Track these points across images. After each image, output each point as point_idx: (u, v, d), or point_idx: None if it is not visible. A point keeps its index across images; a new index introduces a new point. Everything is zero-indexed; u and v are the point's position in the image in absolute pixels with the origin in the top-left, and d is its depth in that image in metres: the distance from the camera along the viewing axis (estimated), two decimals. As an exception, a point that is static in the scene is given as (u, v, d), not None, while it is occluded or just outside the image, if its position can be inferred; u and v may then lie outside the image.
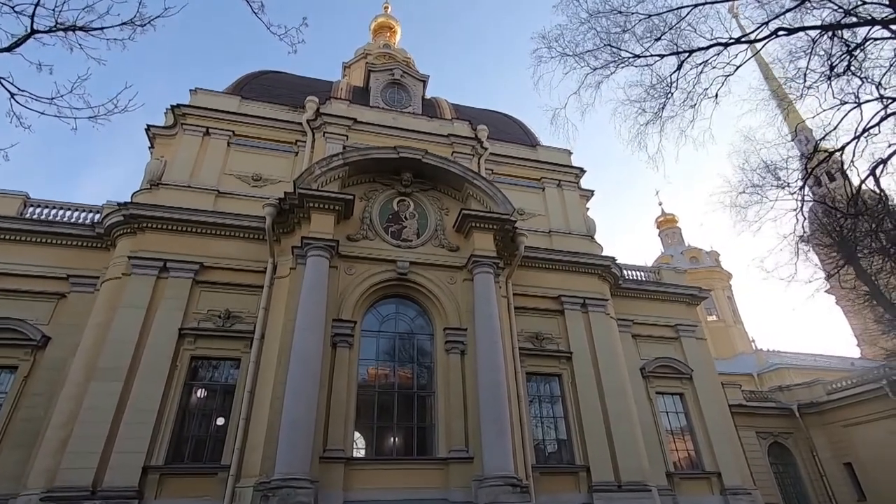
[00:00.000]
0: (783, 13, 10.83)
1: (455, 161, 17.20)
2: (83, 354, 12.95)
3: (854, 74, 10.67)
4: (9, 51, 7.05)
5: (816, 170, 13.05)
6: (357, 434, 14.12)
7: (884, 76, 10.61)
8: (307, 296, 13.16)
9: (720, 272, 49.87)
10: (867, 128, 10.73)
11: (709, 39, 11.29)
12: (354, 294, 14.24)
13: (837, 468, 24.70)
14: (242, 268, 14.75)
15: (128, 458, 11.54)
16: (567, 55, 12.36)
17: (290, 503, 10.33)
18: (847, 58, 10.48)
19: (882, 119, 10.59)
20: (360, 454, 14.23)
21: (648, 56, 11.68)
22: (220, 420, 13.09)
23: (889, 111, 10.48)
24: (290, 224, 14.92)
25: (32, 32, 7.11)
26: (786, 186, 13.88)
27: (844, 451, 24.72)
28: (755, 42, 10.90)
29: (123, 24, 7.40)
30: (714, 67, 11.52)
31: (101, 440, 11.59)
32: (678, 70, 11.53)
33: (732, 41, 11.02)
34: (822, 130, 11.57)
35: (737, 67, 11.41)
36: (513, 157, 20.69)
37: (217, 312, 14.00)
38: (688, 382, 18.89)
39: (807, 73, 10.97)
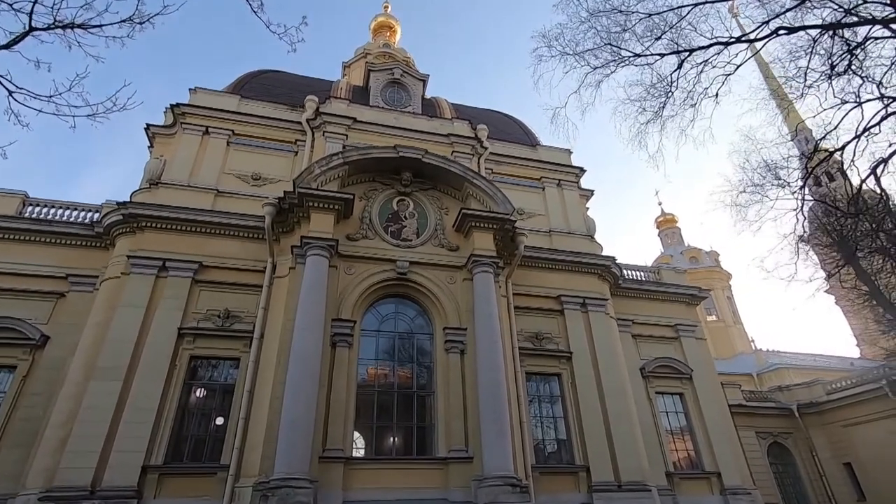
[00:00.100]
0: (783, 12, 10.82)
1: (455, 160, 17.19)
2: (82, 354, 12.94)
3: (855, 73, 10.66)
4: (7, 48, 7.03)
5: (817, 170, 13.03)
6: (356, 434, 14.11)
7: (885, 75, 10.61)
8: (307, 295, 13.15)
9: (720, 272, 49.88)
10: (868, 127, 10.71)
11: (709, 39, 11.30)
12: (354, 294, 14.22)
13: (837, 468, 24.69)
14: (242, 267, 14.73)
15: (127, 458, 11.52)
16: (567, 54, 12.36)
17: (290, 503, 10.32)
18: (848, 57, 10.47)
19: (883, 118, 10.58)
20: (360, 454, 14.21)
21: (649, 55, 11.67)
22: (220, 420, 13.07)
23: (890, 110, 10.46)
24: (290, 223, 14.90)
25: (31, 30, 7.09)
26: (786, 186, 13.89)
27: (844, 451, 24.70)
28: (756, 41, 10.89)
29: (122, 22, 7.39)
30: (714, 67, 11.52)
31: (100, 440, 11.57)
32: (678, 69, 11.53)
33: (733, 40, 11.01)
34: (823, 130, 11.56)
35: (737, 67, 11.41)
36: (513, 157, 20.68)
37: (216, 312, 13.98)
38: (687, 382, 18.89)
39: (807, 73, 10.96)
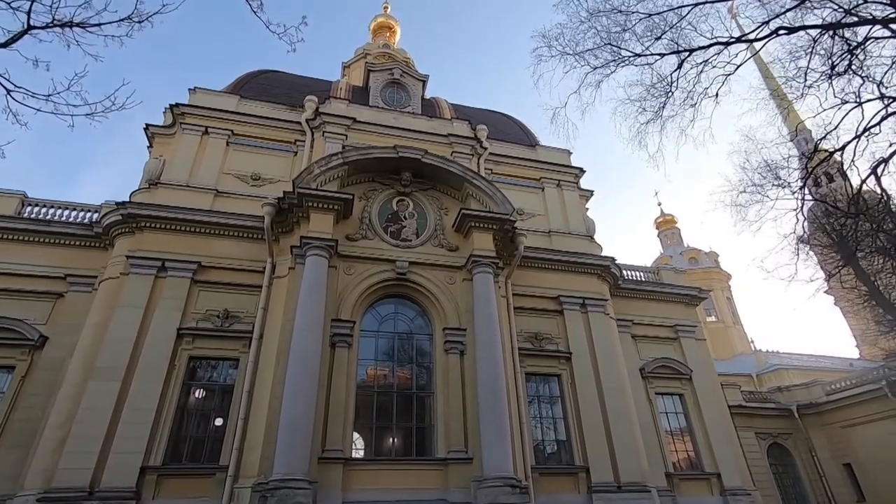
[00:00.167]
0: (784, 13, 10.81)
1: (454, 161, 17.17)
2: (81, 354, 12.90)
3: (855, 73, 10.64)
4: (5, 47, 7.01)
5: (817, 170, 13.03)
6: (356, 434, 14.08)
7: (885, 75, 10.60)
8: (306, 296, 13.13)
9: (719, 273, 49.88)
10: (868, 127, 10.70)
11: (709, 39, 11.28)
12: (353, 294, 14.20)
13: (837, 469, 24.66)
14: (241, 267, 14.70)
15: (125, 459, 11.49)
16: (567, 54, 12.34)
17: (289, 504, 10.29)
18: (848, 57, 10.46)
19: (883, 118, 10.56)
20: (359, 455, 14.18)
21: (649, 55, 11.65)
22: (219, 420, 13.03)
23: (890, 110, 10.44)
24: (289, 224, 14.88)
25: (29, 28, 7.07)
26: (786, 186, 13.87)
27: (844, 452, 24.68)
28: (756, 41, 10.88)
29: (121, 21, 7.37)
30: (714, 67, 11.51)
31: (99, 440, 11.53)
32: (678, 69, 11.51)
33: (733, 40, 11.00)
34: (823, 130, 11.55)
35: (737, 67, 11.40)
36: (512, 157, 20.66)
37: (215, 312, 13.95)
38: (687, 383, 18.87)
39: (807, 73, 10.95)
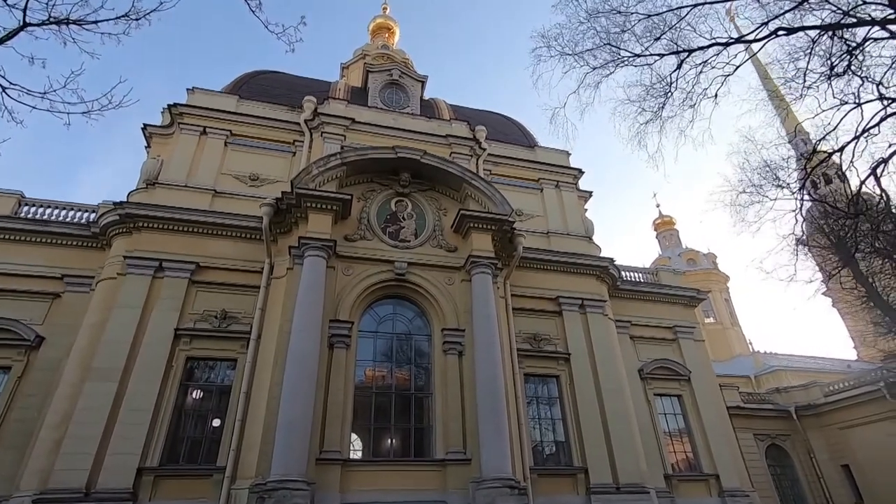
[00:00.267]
0: (783, 14, 10.81)
1: (453, 161, 17.15)
2: (77, 354, 12.84)
3: (854, 74, 10.64)
4: (0, 43, 6.95)
5: (815, 171, 13.02)
6: (354, 435, 14.05)
7: (885, 75, 10.59)
8: (304, 296, 13.09)
9: (717, 274, 49.90)
10: (867, 128, 10.69)
11: (708, 39, 11.28)
12: (352, 295, 14.16)
13: (835, 470, 24.66)
14: (239, 268, 14.64)
15: (122, 460, 11.42)
16: (566, 54, 12.34)
17: (286, 505, 10.23)
18: (847, 57, 10.46)
19: (882, 119, 10.56)
20: (357, 456, 14.15)
21: (648, 55, 11.65)
22: (216, 421, 12.96)
23: (889, 111, 10.45)
24: (288, 224, 14.83)
25: (25, 25, 7.02)
26: (785, 187, 13.87)
27: (842, 453, 24.68)
28: (755, 42, 10.88)
29: (118, 19, 7.32)
30: (713, 67, 11.51)
31: (96, 441, 11.46)
32: (678, 70, 11.51)
33: (732, 41, 11.00)
34: (822, 131, 11.55)
35: (736, 67, 11.39)
36: (511, 158, 20.65)
37: (213, 313, 13.89)
38: (686, 384, 18.86)
39: (806, 73, 10.95)
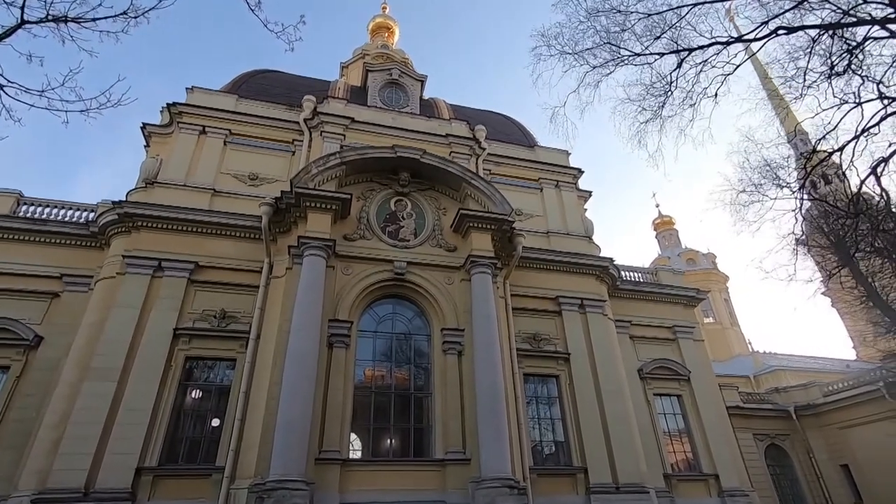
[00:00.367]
0: (782, 13, 10.79)
1: (453, 161, 17.14)
2: (76, 354, 12.81)
3: (854, 73, 10.63)
4: (-2, 41, 6.93)
5: (815, 171, 13.00)
6: (353, 435, 14.00)
7: (885, 74, 10.57)
8: (303, 296, 13.07)
9: (717, 274, 49.89)
10: (867, 127, 10.68)
11: (708, 38, 11.25)
12: (351, 294, 14.14)
13: (834, 470, 24.65)
14: (238, 267, 14.61)
15: (121, 459, 11.39)
16: (566, 53, 12.30)
17: (286, 505, 10.21)
18: (847, 56, 10.45)
19: (882, 118, 10.55)
20: (357, 456, 14.11)
21: (648, 54, 11.62)
22: (215, 421, 12.93)
23: (889, 110, 10.43)
24: (287, 223, 14.81)
25: (22, 23, 6.98)
26: (786, 186, 13.86)
27: (841, 453, 24.68)
28: (755, 41, 10.86)
29: (116, 17, 7.28)
30: (713, 66, 11.48)
31: (94, 441, 11.43)
32: (678, 69, 11.48)
33: (732, 40, 10.98)
34: (822, 130, 11.54)
35: (736, 67, 11.37)
36: (511, 158, 20.63)
37: (212, 312, 13.86)
38: (685, 384, 18.86)
39: (806, 73, 10.93)
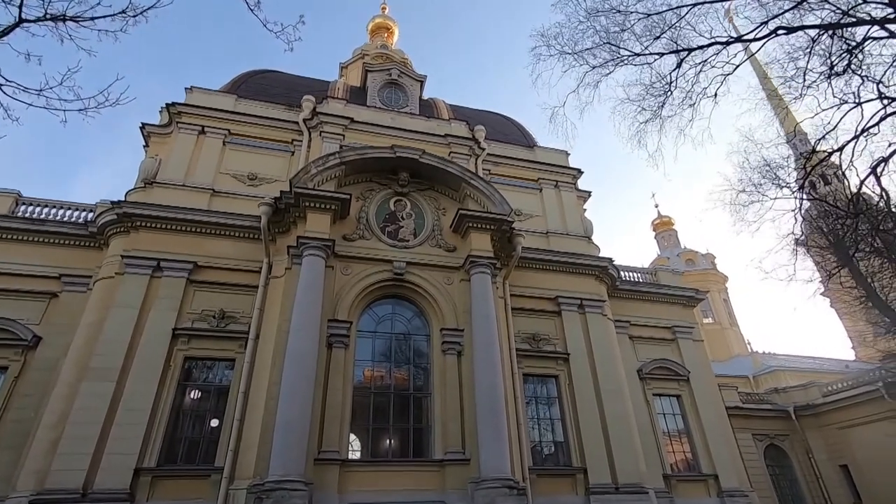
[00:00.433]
0: (782, 13, 10.79)
1: (452, 161, 17.13)
2: (75, 354, 12.78)
3: (854, 73, 10.62)
4: (-4, 40, 6.90)
5: (814, 172, 13.00)
6: (352, 436, 13.99)
7: (885, 74, 10.57)
8: (302, 296, 13.05)
9: (716, 275, 49.90)
10: (867, 127, 10.68)
11: (708, 38, 11.25)
12: (350, 294, 14.13)
13: (833, 470, 24.68)
14: (237, 267, 14.59)
15: (119, 460, 11.37)
16: (566, 53, 12.31)
17: (285, 505, 10.18)
18: (847, 56, 10.45)
19: (882, 118, 10.55)
20: (356, 456, 14.11)
21: (648, 54, 11.62)
22: (214, 421, 12.91)
23: (889, 110, 10.43)
24: (286, 223, 14.79)
25: (20, 21, 6.96)
26: (785, 186, 13.86)
27: (840, 454, 24.70)
28: (754, 41, 10.86)
29: (115, 16, 7.26)
30: (713, 66, 11.48)
31: (93, 441, 11.40)
32: (678, 69, 11.49)
33: (732, 40, 10.98)
34: (822, 130, 11.54)
35: (736, 67, 11.37)
36: (510, 158, 20.62)
37: (211, 312, 13.83)
38: (685, 384, 18.85)
39: (806, 73, 10.93)
